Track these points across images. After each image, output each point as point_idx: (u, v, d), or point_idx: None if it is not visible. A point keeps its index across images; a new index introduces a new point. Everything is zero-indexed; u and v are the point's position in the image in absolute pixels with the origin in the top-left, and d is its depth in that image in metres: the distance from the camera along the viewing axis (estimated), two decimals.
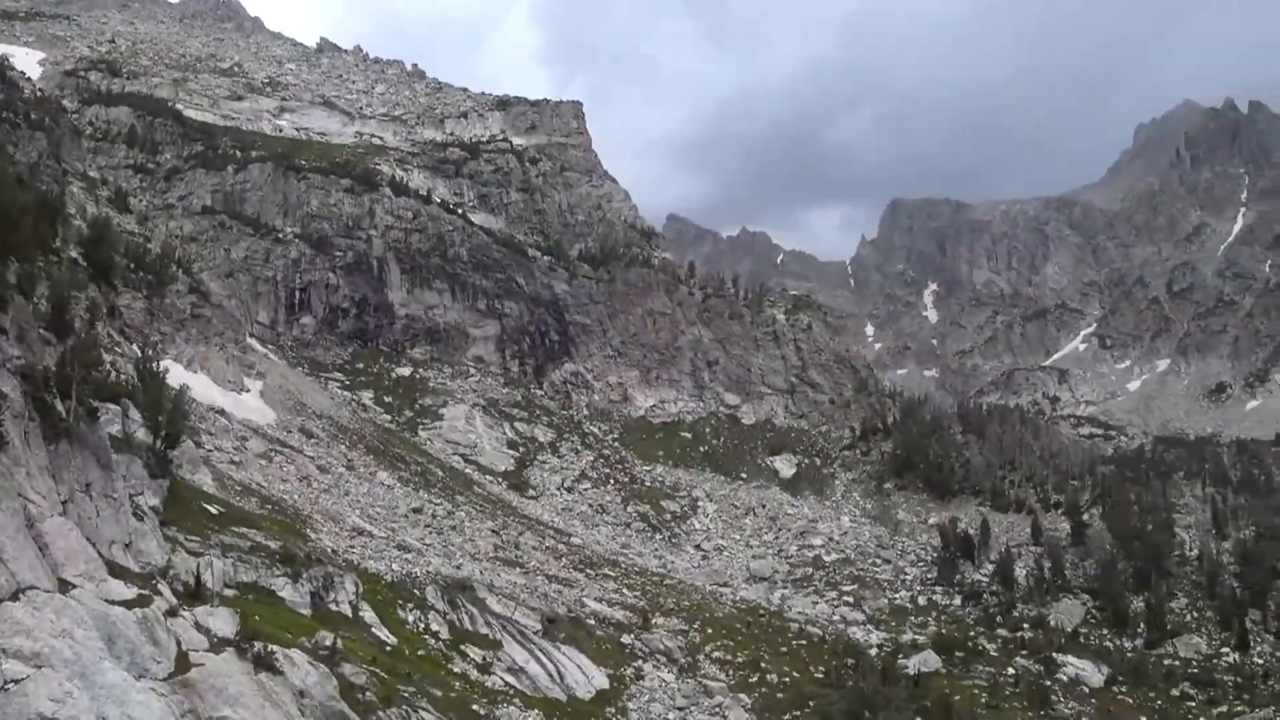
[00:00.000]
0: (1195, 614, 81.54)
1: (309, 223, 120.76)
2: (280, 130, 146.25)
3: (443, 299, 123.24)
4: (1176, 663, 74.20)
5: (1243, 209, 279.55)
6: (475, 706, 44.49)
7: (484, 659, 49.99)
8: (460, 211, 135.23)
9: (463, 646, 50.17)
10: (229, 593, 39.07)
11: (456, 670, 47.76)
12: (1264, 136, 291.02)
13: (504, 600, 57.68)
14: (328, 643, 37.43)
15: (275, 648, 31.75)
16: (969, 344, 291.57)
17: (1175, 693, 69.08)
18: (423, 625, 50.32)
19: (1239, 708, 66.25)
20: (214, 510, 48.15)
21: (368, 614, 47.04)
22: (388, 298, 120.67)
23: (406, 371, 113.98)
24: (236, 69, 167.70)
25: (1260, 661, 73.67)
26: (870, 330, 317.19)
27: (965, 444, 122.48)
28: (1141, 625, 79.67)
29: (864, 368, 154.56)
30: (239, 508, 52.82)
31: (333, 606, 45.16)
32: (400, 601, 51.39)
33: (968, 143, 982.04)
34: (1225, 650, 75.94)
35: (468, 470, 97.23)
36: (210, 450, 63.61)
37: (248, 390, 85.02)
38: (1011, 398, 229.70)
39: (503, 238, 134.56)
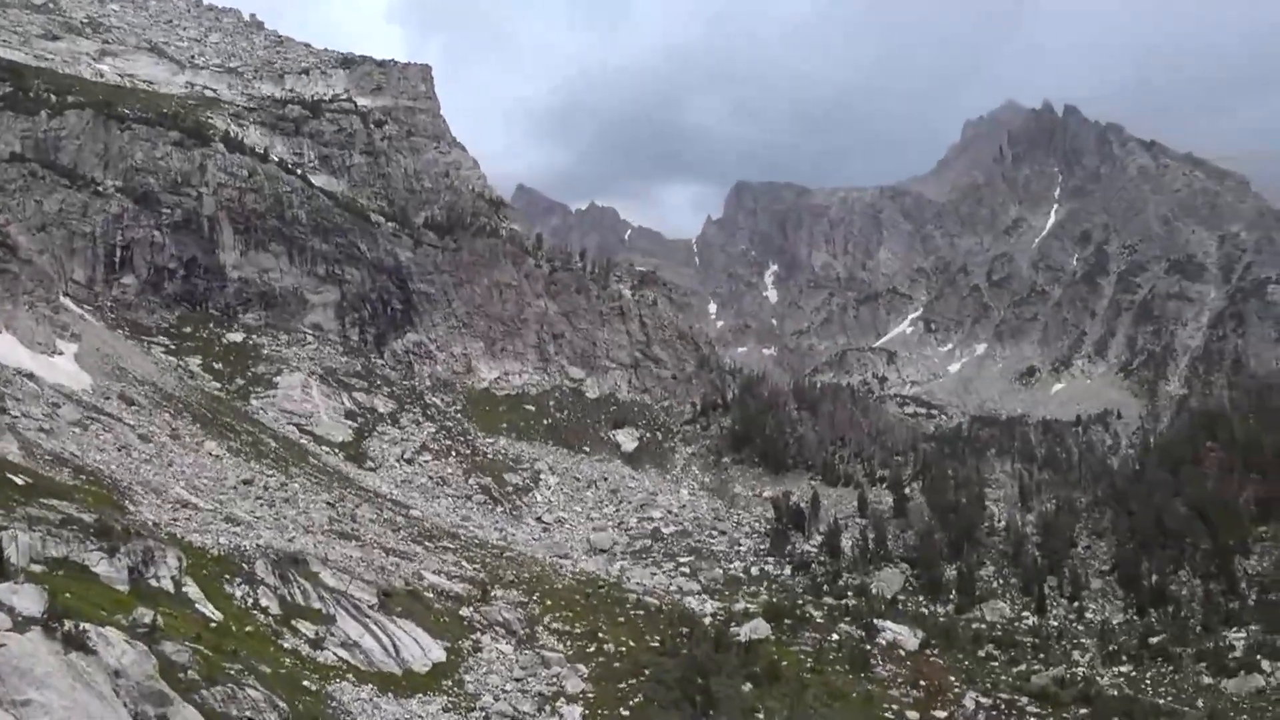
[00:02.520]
0: (1001, 581, 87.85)
1: (132, 176, 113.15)
2: (101, 75, 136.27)
3: (279, 263, 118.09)
4: (983, 626, 79.81)
5: (1056, 205, 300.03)
6: (306, 682, 43.41)
7: (316, 634, 48.75)
8: (300, 172, 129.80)
9: (294, 622, 48.75)
10: (36, 569, 36.67)
11: (287, 646, 46.43)
12: (1076, 139, 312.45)
13: (339, 574, 56.32)
14: (147, 620, 35.68)
15: (88, 626, 30.07)
16: (806, 324, 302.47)
17: (981, 654, 74.36)
18: (251, 600, 48.60)
19: (1035, 666, 71.97)
20: (20, 481, 44.96)
21: (191, 589, 45.05)
22: (219, 259, 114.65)
23: (238, 337, 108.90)
24: (52, 5, 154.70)
25: (1055, 624, 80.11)
26: (713, 308, 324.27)
27: (800, 421, 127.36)
28: (953, 592, 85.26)
29: (706, 345, 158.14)
30: (49, 478, 49.50)
31: (153, 582, 43.02)
32: (227, 576, 49.43)
33: (813, 132, 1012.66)
34: (1026, 614, 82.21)
35: (303, 441, 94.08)
36: (16, 417, 59.24)
37: (60, 353, 79.50)
38: (844, 377, 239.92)
39: (345, 201, 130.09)
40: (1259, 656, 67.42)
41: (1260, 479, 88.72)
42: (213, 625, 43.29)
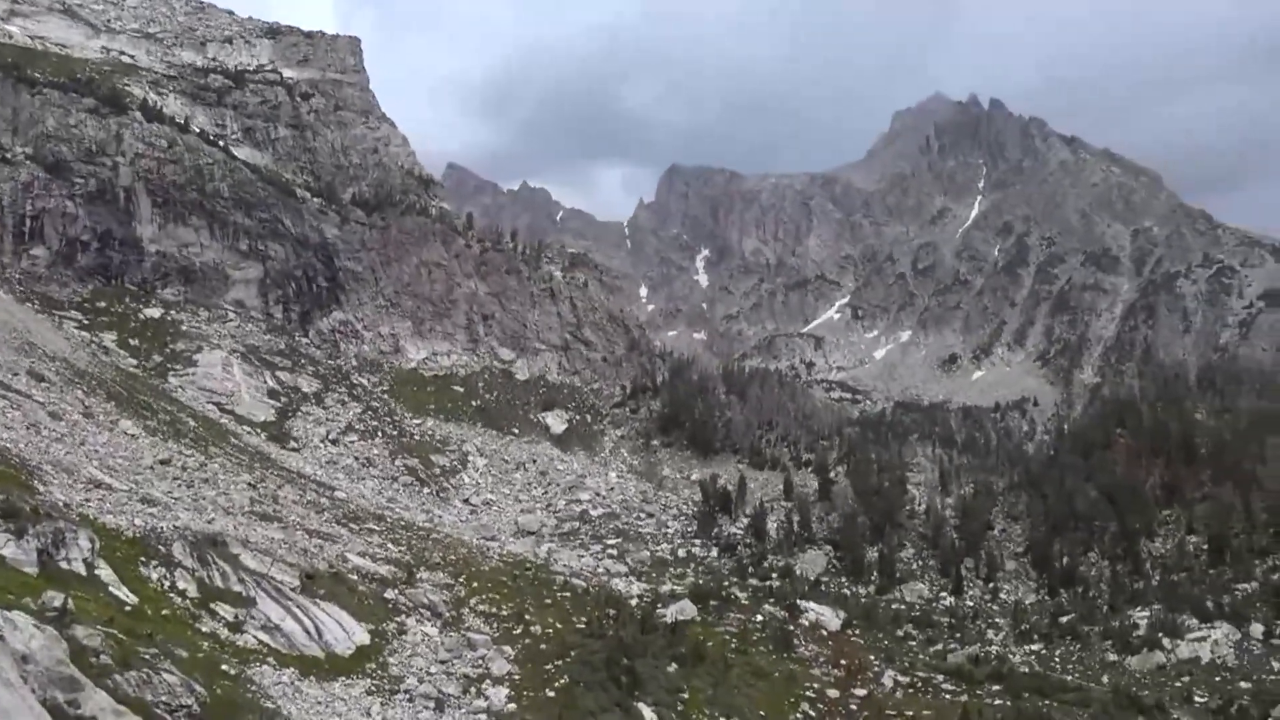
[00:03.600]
0: (920, 563, 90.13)
1: (43, 144, 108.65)
2: (10, 37, 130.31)
3: (200, 237, 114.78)
4: (902, 607, 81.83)
5: (979, 197, 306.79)
6: (225, 666, 42.61)
7: (236, 617, 47.83)
8: (222, 144, 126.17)
9: (213, 605, 47.74)
10: None
11: (205, 630, 45.49)
12: (1000, 133, 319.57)
13: (260, 556, 55.26)
14: (57, 603, 34.62)
15: None
16: (736, 309, 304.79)
17: (900, 633, 76.26)
18: (168, 583, 47.45)
19: (952, 645, 74.10)
20: None
21: (105, 572, 43.81)
22: (136, 232, 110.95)
23: (156, 313, 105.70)
24: None
25: (971, 604, 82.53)
26: (644, 291, 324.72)
27: (728, 405, 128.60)
28: (875, 573, 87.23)
29: (636, 328, 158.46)
30: None
31: (64, 565, 41.74)
32: (143, 558, 48.15)
33: (746, 118, 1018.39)
34: (943, 595, 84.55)
35: (223, 420, 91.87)
36: None
37: None
38: (772, 362, 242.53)
39: (269, 175, 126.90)
40: (1161, 634, 70.38)
41: (1165, 465, 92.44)
42: (127, 609, 42.20)
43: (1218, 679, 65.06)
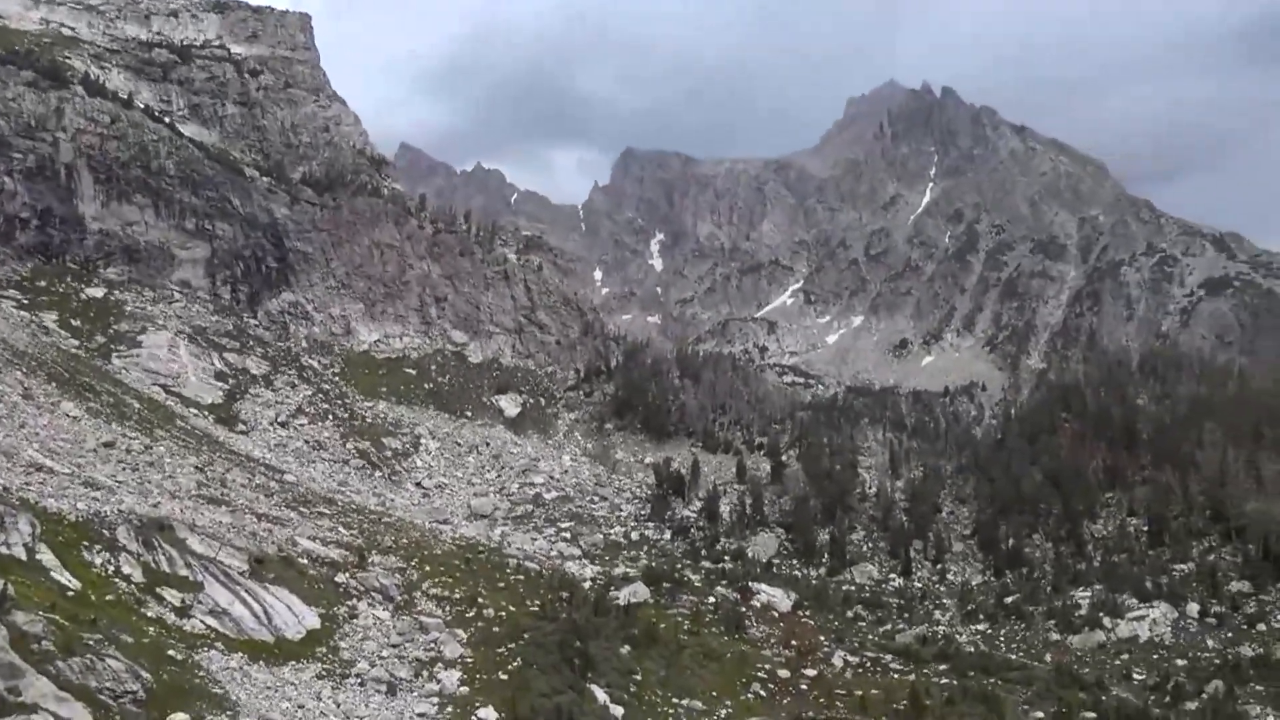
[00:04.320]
0: (870, 545, 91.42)
1: None
2: None
3: (144, 215, 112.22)
4: (852, 588, 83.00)
5: (931, 184, 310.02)
6: (172, 652, 42.01)
7: (183, 602, 47.11)
8: (168, 120, 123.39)
9: (159, 589, 46.98)
10: None
11: (151, 615, 44.77)
12: (952, 121, 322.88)
13: (207, 540, 54.44)
14: None
15: None
16: (690, 293, 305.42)
17: (850, 614, 77.38)
18: (112, 568, 46.58)
19: (900, 626, 75.36)
20: None
21: (46, 557, 42.91)
22: (77, 210, 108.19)
23: (99, 293, 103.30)
24: None
25: (919, 585, 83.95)
26: (599, 275, 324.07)
27: (682, 388, 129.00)
28: (826, 555, 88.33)
29: (590, 311, 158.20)
30: None
31: (3, 550, 40.84)
32: (86, 543, 47.20)
33: (701, 102, 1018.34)
34: (893, 576, 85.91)
35: (169, 402, 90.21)
36: None
37: None
38: (726, 346, 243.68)
39: (216, 153, 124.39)
40: (1101, 614, 72.21)
41: (1108, 449, 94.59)
42: (70, 594, 41.41)
43: (1155, 657, 66.94)
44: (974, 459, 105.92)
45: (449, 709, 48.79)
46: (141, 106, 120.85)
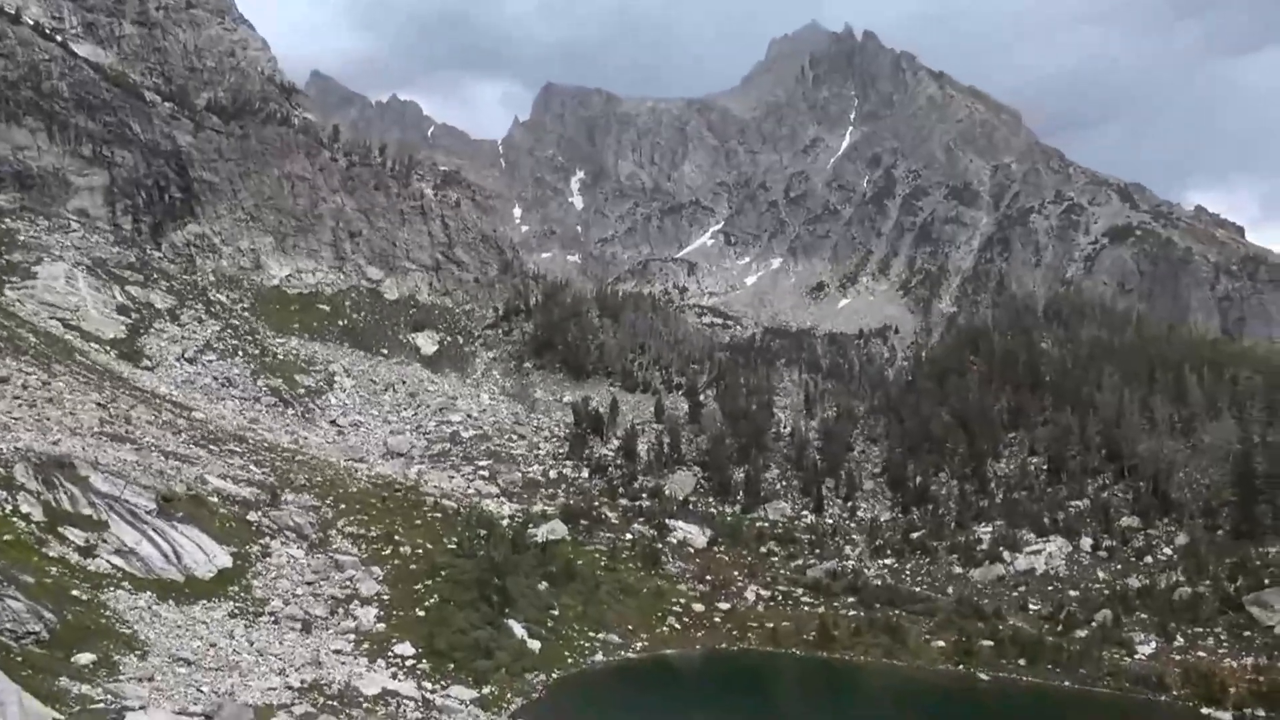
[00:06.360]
0: (784, 483, 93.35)
1: None
2: None
3: (36, 140, 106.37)
4: (766, 524, 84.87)
5: (850, 128, 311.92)
6: (76, 592, 40.94)
7: (87, 541, 45.82)
8: (60, 39, 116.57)
9: (61, 529, 45.57)
10: None
11: (53, 555, 43.45)
12: (873, 65, 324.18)
13: (111, 479, 52.86)
14: None
15: None
16: (610, 232, 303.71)
17: (763, 550, 79.27)
18: (10, 507, 44.97)
19: (811, 561, 77.50)
20: None
21: None
22: None
23: None
24: None
25: (830, 522, 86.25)
26: (518, 212, 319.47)
27: (601, 328, 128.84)
28: (741, 493, 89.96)
29: (510, 249, 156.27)
30: None
31: None
32: None
33: (625, 38, 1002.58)
34: (805, 513, 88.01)
35: (68, 336, 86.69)
36: None
37: None
38: (646, 286, 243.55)
39: (114, 76, 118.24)
40: (1001, 548, 75.34)
41: (1013, 391, 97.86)
42: None
43: (1050, 588, 70.27)
44: (885, 400, 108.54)
45: (365, 645, 48.74)
46: (31, 23, 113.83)
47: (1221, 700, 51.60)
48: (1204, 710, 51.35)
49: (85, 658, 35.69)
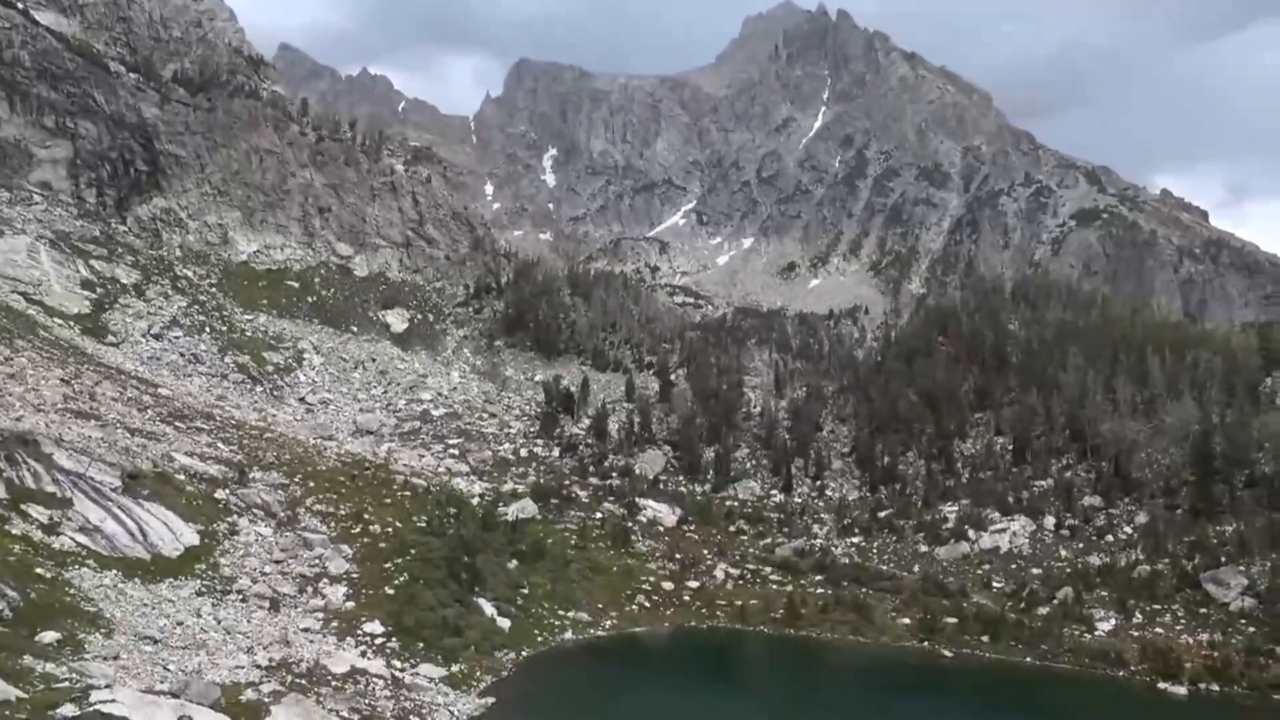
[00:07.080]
0: (754, 462, 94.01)
1: None
2: None
3: None
4: (736, 503, 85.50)
5: (824, 108, 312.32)
6: (40, 570, 40.63)
7: (50, 519, 45.42)
8: (22, 6, 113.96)
9: (24, 506, 45.12)
10: None
11: (16, 532, 43.05)
12: (846, 45, 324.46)
13: (76, 455, 52.33)
14: None
15: None
16: (582, 210, 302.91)
17: (733, 529, 79.88)
18: None
19: (780, 540, 78.22)
20: None
21: None
22: None
23: None
24: None
25: (799, 501, 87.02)
26: (489, 189, 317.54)
27: (573, 306, 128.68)
28: (711, 472, 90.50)
29: (481, 226, 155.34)
30: None
31: None
32: None
33: (599, 13, 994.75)
34: (774, 492, 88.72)
35: (31, 311, 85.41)
36: None
37: None
38: (617, 264, 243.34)
39: (78, 45, 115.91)
40: (966, 527, 76.40)
41: (980, 371, 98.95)
42: None
43: (1013, 566, 71.41)
44: (855, 380, 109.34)
45: (334, 623, 48.73)
46: None
47: (1177, 675, 52.81)
48: (1160, 685, 52.53)
49: (49, 636, 35.48)
